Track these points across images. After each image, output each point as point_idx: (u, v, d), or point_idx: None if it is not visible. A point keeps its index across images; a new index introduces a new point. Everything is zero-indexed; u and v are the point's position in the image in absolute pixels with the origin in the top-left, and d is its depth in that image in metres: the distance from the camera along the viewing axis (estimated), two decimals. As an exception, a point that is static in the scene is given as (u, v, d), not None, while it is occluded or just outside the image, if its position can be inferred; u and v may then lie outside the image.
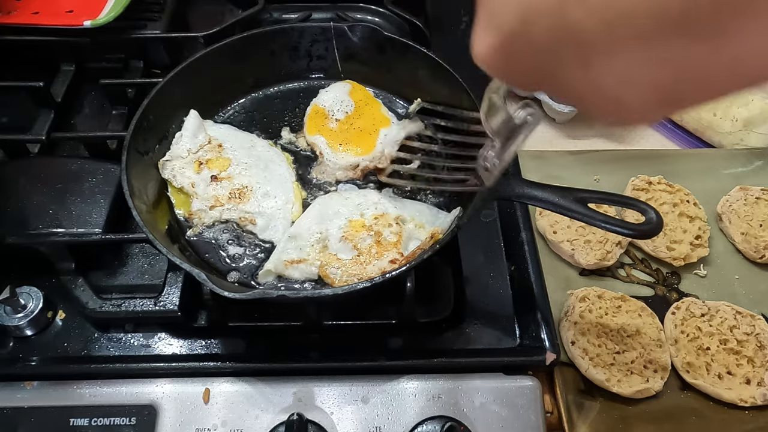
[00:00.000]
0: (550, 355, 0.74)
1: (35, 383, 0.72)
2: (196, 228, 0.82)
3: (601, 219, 0.68)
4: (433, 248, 0.71)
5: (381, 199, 0.81)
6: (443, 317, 0.80)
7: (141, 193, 0.78)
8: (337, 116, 0.92)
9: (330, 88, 0.96)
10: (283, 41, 0.98)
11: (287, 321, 0.78)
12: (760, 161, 1.03)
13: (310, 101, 0.95)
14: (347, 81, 0.98)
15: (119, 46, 1.05)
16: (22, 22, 1.00)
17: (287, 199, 0.84)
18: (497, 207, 0.90)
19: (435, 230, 0.78)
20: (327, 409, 0.71)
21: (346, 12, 1.19)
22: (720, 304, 0.86)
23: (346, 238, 0.77)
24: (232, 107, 0.97)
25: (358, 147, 0.89)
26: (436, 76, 0.91)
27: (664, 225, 0.69)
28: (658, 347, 0.81)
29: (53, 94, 0.98)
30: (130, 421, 0.69)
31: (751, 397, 0.77)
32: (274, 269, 0.77)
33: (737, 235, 0.93)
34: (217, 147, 0.87)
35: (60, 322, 0.78)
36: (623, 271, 0.91)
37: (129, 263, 0.83)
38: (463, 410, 0.70)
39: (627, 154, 1.06)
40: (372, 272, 0.75)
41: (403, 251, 0.77)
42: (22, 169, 0.87)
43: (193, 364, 0.74)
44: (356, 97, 0.94)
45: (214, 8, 1.19)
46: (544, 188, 0.72)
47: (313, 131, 0.91)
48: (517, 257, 0.84)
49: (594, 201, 0.70)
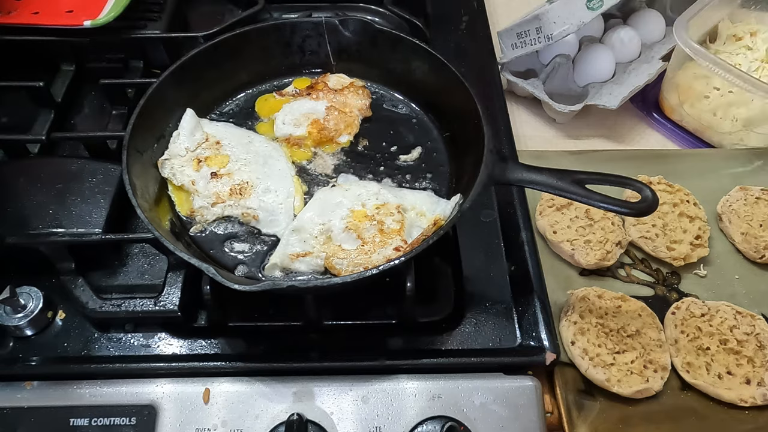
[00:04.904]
0: (550, 355, 0.74)
1: (35, 383, 0.72)
2: (199, 225, 0.82)
3: (598, 199, 0.69)
4: (437, 233, 0.71)
5: (381, 190, 0.82)
6: (443, 317, 0.80)
7: (143, 192, 0.78)
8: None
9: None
10: (276, 37, 0.98)
11: (287, 321, 0.78)
12: (760, 161, 1.03)
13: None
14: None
15: (119, 46, 1.05)
16: (22, 22, 1.00)
17: (288, 193, 0.84)
18: (497, 207, 0.90)
19: (437, 217, 0.79)
20: (327, 409, 0.71)
21: (346, 12, 1.19)
22: (720, 304, 0.86)
23: (350, 228, 0.77)
24: (228, 104, 0.98)
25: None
26: (431, 68, 0.92)
27: (659, 204, 0.70)
28: (658, 347, 0.81)
29: (53, 94, 0.98)
30: (130, 421, 0.69)
31: (751, 397, 0.77)
32: (279, 263, 0.77)
33: (737, 235, 0.93)
34: (215, 144, 0.88)
35: (60, 322, 0.78)
36: (623, 271, 0.91)
37: (129, 263, 0.83)
38: (463, 410, 0.70)
39: (627, 154, 1.07)
40: (377, 261, 0.75)
41: (406, 239, 0.77)
42: (22, 169, 0.87)
43: (193, 364, 0.74)
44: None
45: (214, 8, 1.19)
46: (542, 171, 0.73)
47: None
48: (517, 257, 0.84)
49: (592, 182, 0.71)
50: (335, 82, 0.97)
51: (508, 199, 0.90)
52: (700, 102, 1.08)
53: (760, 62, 1.10)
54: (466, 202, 0.74)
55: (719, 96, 1.06)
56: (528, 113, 1.17)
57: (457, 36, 1.18)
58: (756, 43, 1.12)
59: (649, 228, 0.93)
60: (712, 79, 1.07)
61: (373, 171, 0.89)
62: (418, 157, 0.91)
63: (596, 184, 0.71)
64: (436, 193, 0.86)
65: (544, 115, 1.16)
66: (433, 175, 0.89)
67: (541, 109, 1.16)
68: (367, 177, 0.88)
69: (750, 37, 1.12)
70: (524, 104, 1.18)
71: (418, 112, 0.97)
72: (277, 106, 0.95)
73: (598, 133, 1.14)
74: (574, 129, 1.14)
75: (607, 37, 1.17)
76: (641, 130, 1.15)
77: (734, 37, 1.14)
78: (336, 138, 0.92)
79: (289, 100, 0.96)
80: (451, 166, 0.90)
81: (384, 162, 0.90)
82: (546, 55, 1.14)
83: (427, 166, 0.90)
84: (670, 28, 1.17)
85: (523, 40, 1.07)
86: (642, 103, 1.16)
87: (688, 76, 1.10)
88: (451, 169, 0.89)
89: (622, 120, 1.15)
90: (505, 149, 0.97)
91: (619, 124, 1.15)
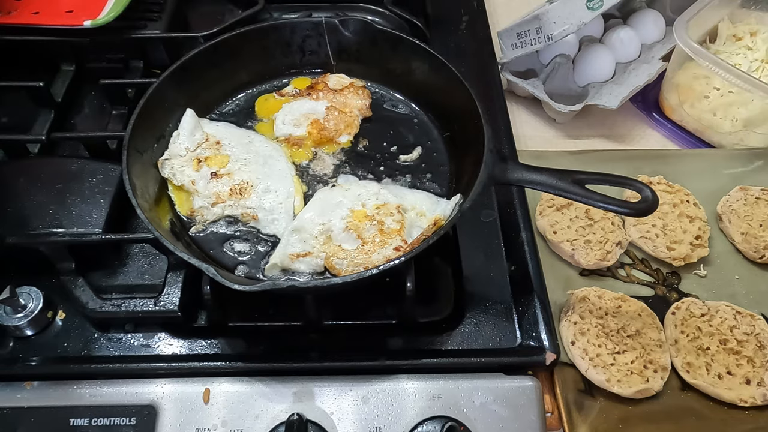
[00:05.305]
0: (550, 355, 0.74)
1: (35, 383, 0.72)
2: (199, 225, 0.82)
3: (598, 199, 0.69)
4: (437, 233, 0.71)
5: (381, 190, 0.82)
6: (443, 317, 0.81)
7: (143, 192, 0.78)
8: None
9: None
10: (276, 37, 0.98)
11: (287, 321, 0.78)
12: (760, 161, 1.03)
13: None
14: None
15: (119, 46, 1.05)
16: (22, 22, 1.00)
17: (288, 193, 0.84)
18: (497, 207, 0.90)
19: (437, 217, 0.79)
20: (327, 409, 0.71)
21: (346, 12, 1.19)
22: (720, 304, 0.86)
23: (350, 228, 0.77)
24: (228, 104, 0.98)
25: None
26: (431, 68, 0.92)
27: (659, 204, 0.70)
28: (658, 347, 0.81)
29: (53, 94, 0.98)
30: (130, 421, 0.69)
31: (751, 397, 0.77)
32: (279, 263, 0.77)
33: (737, 235, 0.93)
34: (215, 144, 0.88)
35: (60, 322, 0.78)
36: (623, 271, 0.91)
37: (129, 263, 0.83)
38: (463, 410, 0.70)
39: (627, 154, 1.07)
40: (377, 261, 0.75)
41: (406, 239, 0.77)
42: (22, 169, 0.87)
43: (193, 364, 0.74)
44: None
45: (214, 8, 1.19)
46: (542, 171, 0.73)
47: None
48: (517, 257, 0.84)
49: (592, 182, 0.71)
50: (335, 82, 0.98)
51: (508, 199, 0.90)
52: (700, 102, 1.08)
53: (761, 62, 1.10)
54: (466, 202, 0.74)
55: (719, 96, 1.06)
56: (528, 113, 1.17)
57: (457, 36, 1.18)
58: (756, 43, 1.12)
59: (649, 228, 0.93)
60: (712, 80, 1.07)
61: (373, 171, 0.89)
62: (418, 157, 0.91)
63: (596, 184, 0.71)
64: (436, 193, 0.86)
65: (544, 115, 1.16)
66: (433, 175, 0.89)
67: (541, 109, 1.16)
68: (367, 177, 0.88)
69: (750, 37, 1.12)
70: (524, 104, 1.18)
71: (418, 112, 0.97)
72: (277, 106, 0.95)
73: (598, 133, 1.14)
74: (574, 129, 1.14)
75: (607, 37, 1.17)
76: (641, 130, 1.15)
77: (734, 37, 1.14)
78: (336, 138, 0.92)
79: (289, 100, 0.96)
80: (451, 166, 0.90)
81: (384, 162, 0.90)
82: (546, 55, 1.14)
83: (427, 166, 0.90)
84: (669, 28, 1.17)
85: (523, 40, 1.07)
86: (642, 103, 1.16)
87: (688, 77, 1.10)
88: (451, 169, 0.89)
89: (622, 120, 1.15)
90: (505, 149, 0.97)
91: (619, 124, 1.15)
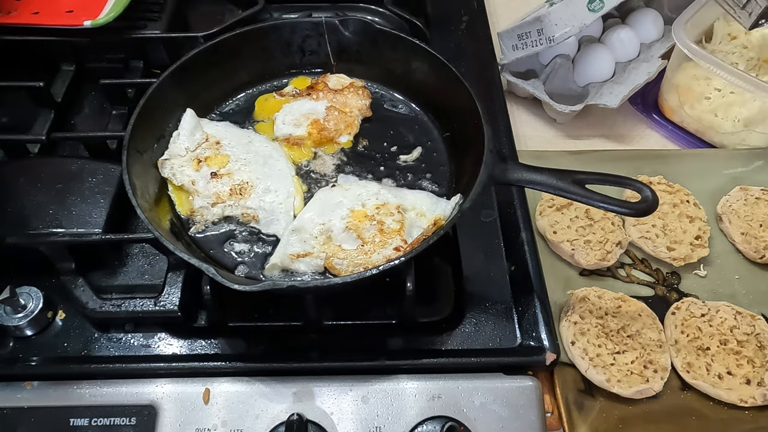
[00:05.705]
0: (550, 355, 0.74)
1: (35, 383, 0.72)
2: (199, 225, 0.82)
3: (598, 199, 0.69)
4: (437, 233, 0.71)
5: (381, 190, 0.82)
6: (443, 317, 0.80)
7: (143, 192, 0.78)
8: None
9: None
10: (276, 37, 0.98)
11: (287, 321, 0.78)
12: (760, 161, 1.03)
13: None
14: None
15: (119, 46, 1.05)
16: (22, 22, 1.00)
17: (288, 193, 0.84)
18: (497, 207, 0.90)
19: (437, 217, 0.79)
20: (327, 409, 0.71)
21: (346, 12, 1.19)
22: (720, 304, 0.86)
23: (350, 228, 0.77)
24: (228, 104, 0.98)
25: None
26: (431, 68, 0.92)
27: (659, 204, 0.70)
28: (658, 347, 0.81)
29: (53, 94, 0.98)
30: (130, 421, 0.69)
31: (751, 397, 0.77)
32: (279, 263, 0.77)
33: (737, 235, 0.93)
34: (215, 144, 0.88)
35: (60, 322, 0.78)
36: (623, 271, 0.91)
37: (129, 263, 0.83)
38: (463, 410, 0.70)
39: (627, 154, 1.07)
40: (377, 261, 0.75)
41: (406, 239, 0.77)
42: (22, 169, 0.87)
43: (193, 364, 0.74)
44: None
45: (214, 8, 1.19)
46: (542, 171, 0.73)
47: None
48: (517, 257, 0.84)
49: (592, 182, 0.71)
50: (335, 82, 0.98)
51: (508, 199, 0.90)
52: (700, 103, 1.08)
53: (757, 60, 1.10)
54: (466, 202, 0.74)
55: (720, 96, 1.06)
56: (528, 113, 1.17)
57: (457, 36, 1.18)
58: (751, 40, 1.12)
59: (649, 228, 0.93)
60: (712, 80, 1.07)
61: (373, 171, 0.89)
62: (418, 157, 0.91)
63: (596, 184, 0.71)
64: (436, 193, 0.86)
65: (544, 115, 1.16)
66: (433, 175, 0.89)
67: (541, 109, 1.16)
68: (367, 177, 0.88)
69: (745, 35, 1.12)
70: (524, 104, 1.18)
71: (418, 112, 0.97)
72: (277, 106, 0.95)
73: (598, 133, 1.14)
74: (574, 129, 1.14)
75: (606, 37, 1.17)
76: (641, 131, 1.15)
77: (729, 35, 1.14)
78: (336, 138, 0.92)
79: (289, 100, 0.96)
80: (451, 166, 0.90)
81: (384, 162, 0.90)
82: (546, 56, 1.14)
83: (427, 166, 0.90)
84: (668, 26, 1.17)
85: (524, 41, 1.07)
86: (641, 105, 1.16)
87: (687, 77, 1.09)
88: (451, 169, 0.89)
89: (622, 120, 1.15)
90: (505, 149, 0.97)
91: (619, 124, 1.15)
